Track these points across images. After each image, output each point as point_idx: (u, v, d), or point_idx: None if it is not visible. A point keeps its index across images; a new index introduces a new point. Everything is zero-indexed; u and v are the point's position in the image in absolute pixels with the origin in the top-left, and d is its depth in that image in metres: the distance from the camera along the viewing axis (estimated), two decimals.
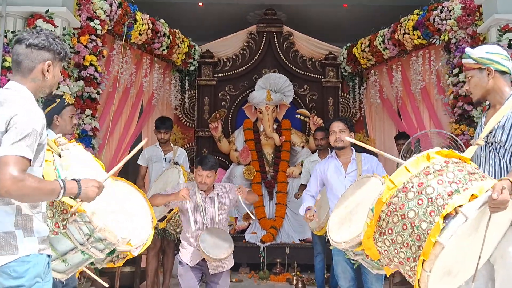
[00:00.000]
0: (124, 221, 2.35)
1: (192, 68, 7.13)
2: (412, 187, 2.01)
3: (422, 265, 1.87)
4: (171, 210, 4.31)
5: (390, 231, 2.04)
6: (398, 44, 6.09)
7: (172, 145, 5.18)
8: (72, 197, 1.89)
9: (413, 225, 1.94)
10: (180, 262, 3.70)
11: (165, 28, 6.17)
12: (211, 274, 3.64)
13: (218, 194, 3.74)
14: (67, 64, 4.56)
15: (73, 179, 1.89)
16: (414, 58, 6.00)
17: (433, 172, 2.01)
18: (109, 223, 2.10)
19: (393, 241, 2.03)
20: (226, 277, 3.74)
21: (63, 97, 3.40)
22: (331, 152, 5.47)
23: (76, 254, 2.11)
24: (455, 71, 5.18)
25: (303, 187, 5.41)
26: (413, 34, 5.75)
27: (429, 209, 1.92)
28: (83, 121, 4.90)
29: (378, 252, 2.21)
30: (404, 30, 5.85)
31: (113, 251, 2.28)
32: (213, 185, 3.74)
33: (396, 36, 5.99)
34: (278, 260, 5.87)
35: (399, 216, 2.00)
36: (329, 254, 5.11)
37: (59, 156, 2.07)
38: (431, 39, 5.59)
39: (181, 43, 6.58)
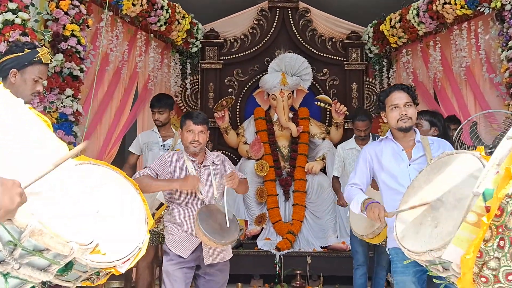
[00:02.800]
0: (98, 220, 1.50)
1: (195, 49, 6.26)
2: None
3: None
4: (161, 205, 3.46)
5: None
6: (437, 17, 5.27)
7: (173, 129, 4.26)
8: None
9: None
10: (167, 253, 2.92)
11: (163, 0, 5.33)
12: (206, 264, 2.90)
13: (213, 162, 3.00)
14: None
15: None
16: (456, 32, 5.19)
17: None
18: (55, 220, 1.19)
19: None
20: (225, 270, 3.03)
21: (37, 49, 2.43)
22: (373, 139, 4.61)
23: None
24: (511, 43, 4.40)
25: (336, 180, 4.49)
26: (455, 4, 4.98)
27: None
28: (62, 103, 4.11)
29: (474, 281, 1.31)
30: None
31: (70, 266, 1.38)
32: (205, 152, 3.05)
33: (434, 8, 5.18)
34: (298, 272, 4.98)
35: None
36: (371, 266, 4.19)
37: None
38: (478, 8, 4.84)
39: (181, 19, 5.73)
